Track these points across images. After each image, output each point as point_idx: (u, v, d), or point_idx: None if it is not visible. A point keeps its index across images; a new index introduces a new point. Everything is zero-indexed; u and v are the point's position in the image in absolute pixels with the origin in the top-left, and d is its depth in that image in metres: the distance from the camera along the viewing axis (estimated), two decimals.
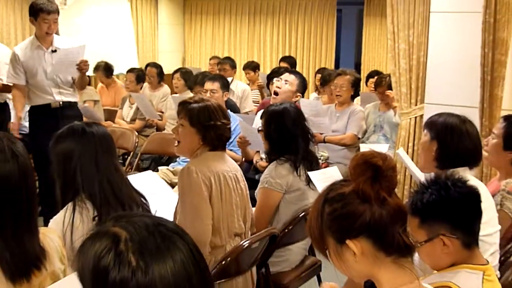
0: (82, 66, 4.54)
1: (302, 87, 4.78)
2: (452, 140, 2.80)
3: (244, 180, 3.06)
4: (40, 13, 4.50)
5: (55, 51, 4.67)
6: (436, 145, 2.82)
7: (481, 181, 3.01)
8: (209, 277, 1.12)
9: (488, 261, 2.09)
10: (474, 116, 3.73)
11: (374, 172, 1.61)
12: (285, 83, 4.65)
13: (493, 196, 2.86)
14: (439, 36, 4.11)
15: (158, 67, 7.36)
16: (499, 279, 2.28)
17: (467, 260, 2.00)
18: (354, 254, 1.59)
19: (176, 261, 1.04)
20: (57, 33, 4.80)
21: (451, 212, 1.97)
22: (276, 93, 4.68)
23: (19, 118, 4.84)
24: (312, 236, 1.69)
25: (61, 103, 4.70)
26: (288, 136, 3.32)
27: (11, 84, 4.78)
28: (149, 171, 3.89)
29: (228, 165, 2.97)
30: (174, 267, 1.03)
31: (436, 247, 1.97)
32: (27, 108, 5.23)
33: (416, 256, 1.91)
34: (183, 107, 2.98)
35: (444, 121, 2.86)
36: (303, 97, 5.22)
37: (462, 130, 2.82)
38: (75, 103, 4.91)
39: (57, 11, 4.62)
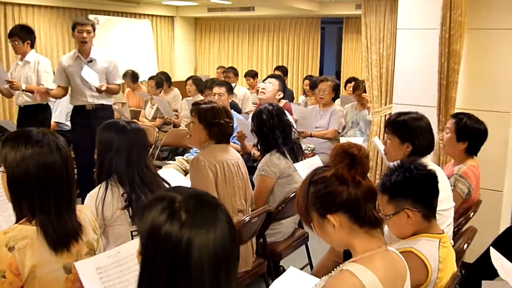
0: (99, 89, 4.61)
1: (282, 87, 4.90)
2: (415, 135, 2.78)
3: (245, 167, 3.08)
4: (76, 26, 4.60)
5: (91, 61, 4.69)
6: (401, 142, 2.78)
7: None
8: (238, 252, 1.12)
9: (444, 231, 2.12)
10: (432, 114, 3.74)
11: (350, 159, 1.62)
12: (269, 85, 4.78)
13: (448, 178, 2.88)
14: (404, 48, 4.10)
15: (165, 75, 7.44)
16: (453, 246, 2.29)
17: (426, 230, 2.03)
18: (334, 226, 1.60)
19: (218, 233, 1.04)
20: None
21: (414, 190, 2.00)
22: (262, 93, 4.84)
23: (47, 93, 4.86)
24: (300, 212, 1.70)
25: (94, 105, 4.71)
26: (266, 128, 3.35)
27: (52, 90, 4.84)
28: (171, 169, 3.92)
29: (231, 154, 3.00)
30: (216, 237, 1.04)
31: (401, 219, 2.00)
32: (70, 108, 5.33)
33: (386, 228, 1.93)
34: (194, 107, 3.04)
35: (410, 119, 2.84)
36: (286, 97, 5.30)
37: (423, 126, 2.81)
38: (108, 105, 4.90)
39: (90, 24, 4.67)
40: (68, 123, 5.72)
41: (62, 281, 1.75)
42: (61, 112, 5.55)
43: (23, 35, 4.85)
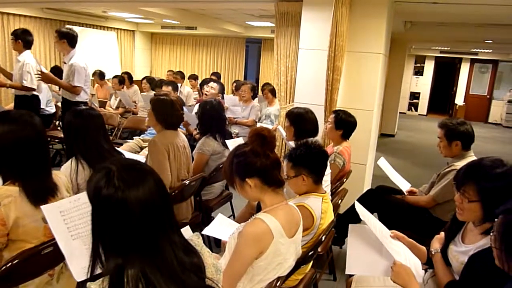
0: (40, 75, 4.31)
1: (221, 90, 4.85)
2: (300, 123, 2.90)
3: (189, 147, 3.01)
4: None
5: (65, 63, 4.40)
6: (293, 127, 2.90)
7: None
8: (168, 201, 1.09)
9: (325, 191, 2.18)
10: (321, 110, 3.83)
11: (262, 139, 1.64)
12: (212, 89, 4.72)
13: (329, 155, 2.98)
14: (303, 63, 4.11)
15: (128, 74, 7.12)
16: (331, 201, 2.36)
17: (315, 190, 2.09)
18: (250, 186, 1.61)
19: (146, 188, 1.02)
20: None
21: (310, 162, 2.04)
22: (206, 95, 4.77)
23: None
24: (226, 176, 1.70)
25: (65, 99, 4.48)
26: (207, 116, 3.31)
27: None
28: (125, 151, 3.71)
29: (179, 138, 2.90)
30: (144, 192, 1.01)
31: (299, 181, 2.04)
32: (50, 96, 4.98)
33: (285, 190, 1.96)
34: (152, 98, 2.91)
35: (297, 112, 2.95)
36: (223, 97, 5.28)
37: (306, 117, 2.92)
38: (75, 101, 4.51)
39: (56, 34, 4.32)
40: (48, 108, 5.41)
41: (41, 229, 1.66)
42: (42, 99, 5.15)
43: (17, 35, 4.44)
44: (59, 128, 5.57)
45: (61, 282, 1.77)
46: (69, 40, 4.31)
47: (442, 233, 1.81)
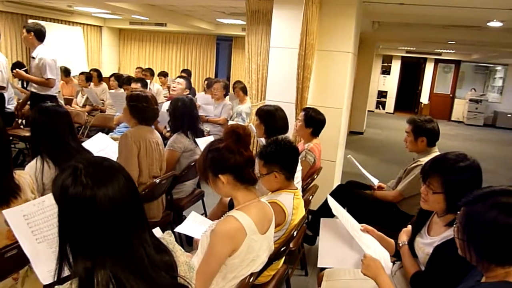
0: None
1: (189, 85, 4.79)
2: (270, 120, 2.90)
3: (162, 143, 2.97)
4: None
5: (33, 57, 4.28)
6: (263, 125, 2.90)
7: None
8: (139, 198, 1.07)
9: (297, 188, 2.19)
10: (292, 108, 3.86)
11: (237, 136, 1.64)
12: (178, 84, 4.67)
13: (300, 153, 3.02)
14: (274, 61, 4.13)
15: (98, 71, 6.91)
16: (303, 197, 2.39)
17: (287, 187, 2.10)
18: (223, 182, 1.61)
19: (116, 186, 0.99)
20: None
21: (281, 158, 2.05)
22: (174, 90, 4.70)
23: None
24: (200, 172, 1.69)
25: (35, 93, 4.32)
26: (178, 113, 3.27)
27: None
28: (100, 133, 3.61)
29: (153, 134, 2.84)
30: (114, 190, 0.98)
31: (271, 178, 2.05)
32: (12, 94, 4.78)
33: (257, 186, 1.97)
34: (128, 93, 2.85)
35: (267, 110, 2.94)
36: (195, 93, 5.22)
37: (276, 114, 2.93)
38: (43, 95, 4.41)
39: (24, 29, 4.26)
40: (9, 106, 5.22)
41: (4, 232, 1.60)
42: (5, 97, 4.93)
43: None
44: (21, 126, 5.36)
45: (26, 286, 1.71)
46: (37, 34, 4.24)
47: (409, 226, 1.88)
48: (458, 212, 1.21)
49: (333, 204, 1.89)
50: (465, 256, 1.20)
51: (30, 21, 7.79)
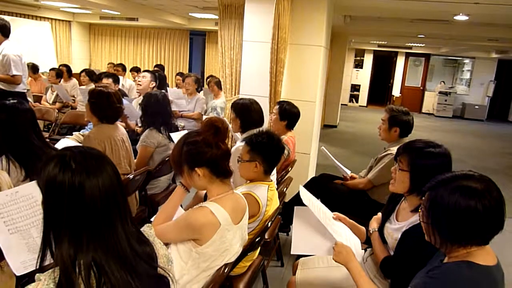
0: None
1: (154, 79, 4.69)
2: (245, 114, 2.87)
3: (129, 140, 2.91)
4: None
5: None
6: (239, 119, 2.87)
7: None
8: (124, 188, 1.06)
9: (271, 180, 2.22)
10: (266, 102, 3.87)
11: (215, 130, 1.65)
12: (143, 78, 4.62)
13: None
14: (247, 55, 4.13)
15: (67, 67, 6.72)
16: (277, 189, 2.42)
17: (262, 179, 2.12)
18: (199, 175, 1.61)
19: (105, 174, 0.99)
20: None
21: (268, 151, 2.07)
22: (139, 85, 4.62)
23: None
24: (174, 164, 1.68)
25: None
26: (151, 109, 3.20)
27: None
28: (66, 139, 3.53)
29: (117, 131, 2.79)
30: (104, 179, 0.98)
31: (251, 166, 2.06)
32: None
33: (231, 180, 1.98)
34: (90, 90, 2.78)
35: (242, 104, 2.91)
36: (166, 89, 5.16)
37: (251, 108, 2.90)
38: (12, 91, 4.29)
39: None
40: None
41: None
42: None
43: None
44: None
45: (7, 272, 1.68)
46: (1, 29, 4.11)
47: (380, 214, 1.94)
48: (423, 198, 1.27)
49: (305, 194, 1.92)
50: (430, 240, 1.26)
51: None
